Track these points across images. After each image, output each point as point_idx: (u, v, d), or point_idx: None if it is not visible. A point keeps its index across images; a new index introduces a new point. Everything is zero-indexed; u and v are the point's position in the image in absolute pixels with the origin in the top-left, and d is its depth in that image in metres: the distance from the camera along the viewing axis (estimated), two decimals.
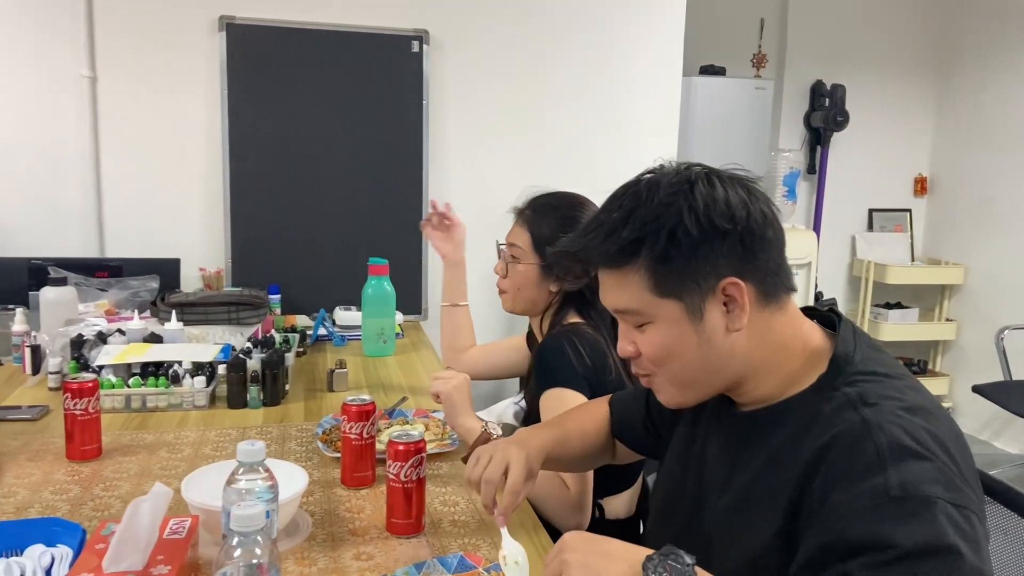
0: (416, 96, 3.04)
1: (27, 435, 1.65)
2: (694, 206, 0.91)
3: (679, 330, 0.95)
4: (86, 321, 2.15)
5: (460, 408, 1.51)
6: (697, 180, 0.94)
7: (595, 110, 3.28)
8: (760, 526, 0.91)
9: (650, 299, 0.95)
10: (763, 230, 0.94)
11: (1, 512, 1.31)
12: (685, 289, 0.93)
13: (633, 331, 1.00)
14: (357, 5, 2.99)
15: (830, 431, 0.87)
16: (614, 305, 1.00)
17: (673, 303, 0.94)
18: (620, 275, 0.97)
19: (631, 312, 0.98)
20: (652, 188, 0.95)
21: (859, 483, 0.81)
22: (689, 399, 1.02)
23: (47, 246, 2.75)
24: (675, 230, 0.91)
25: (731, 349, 0.95)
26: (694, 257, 0.92)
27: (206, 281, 2.79)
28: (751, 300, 0.93)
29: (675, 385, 1.00)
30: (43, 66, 2.78)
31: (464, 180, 3.18)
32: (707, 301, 0.93)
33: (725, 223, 0.91)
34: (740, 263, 0.92)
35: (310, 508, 1.36)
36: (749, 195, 0.94)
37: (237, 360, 1.88)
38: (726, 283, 0.92)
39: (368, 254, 2.41)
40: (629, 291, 0.96)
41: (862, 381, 0.91)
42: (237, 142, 2.90)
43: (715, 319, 0.94)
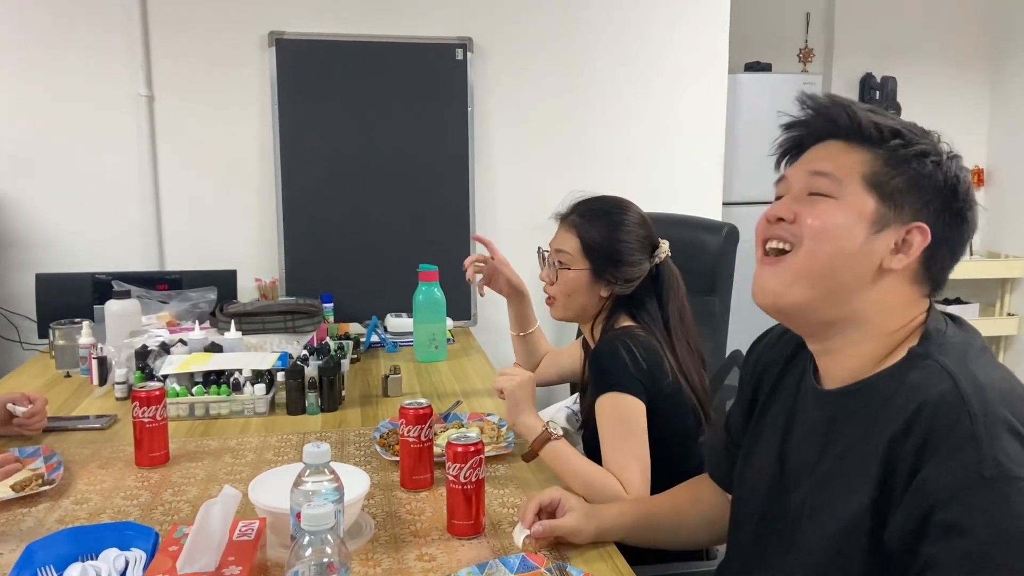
0: (461, 103, 3.07)
1: (97, 443, 1.71)
2: (954, 158, 0.95)
3: (854, 222, 0.93)
4: (149, 332, 2.22)
5: (523, 406, 1.51)
6: (950, 149, 0.97)
7: (640, 111, 3.27)
8: (848, 502, 0.89)
9: (857, 181, 0.94)
10: (971, 209, 0.95)
11: (75, 518, 1.35)
12: (891, 199, 0.93)
13: (803, 200, 0.97)
14: (401, 16, 3.03)
15: (919, 398, 0.85)
16: (819, 166, 0.97)
17: (872, 199, 0.93)
18: (849, 148, 0.96)
19: (831, 178, 0.95)
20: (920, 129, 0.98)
21: (952, 457, 0.79)
22: (789, 298, 0.97)
23: (110, 261, 2.84)
24: (929, 153, 0.94)
25: (868, 279, 0.93)
26: (919, 184, 0.93)
27: (262, 291, 2.86)
28: (916, 262, 0.94)
29: (801, 274, 0.95)
30: (102, 87, 2.89)
31: (510, 185, 3.20)
32: (892, 224, 0.93)
33: (963, 190, 0.94)
34: (940, 223, 0.94)
35: (372, 511, 1.38)
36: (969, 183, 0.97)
37: (295, 367, 1.92)
38: (918, 225, 0.93)
39: (418, 261, 2.44)
40: (846, 163, 0.95)
41: (956, 351, 0.90)
42: (288, 155, 2.96)
43: (884, 243, 0.93)
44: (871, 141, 0.95)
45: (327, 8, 2.99)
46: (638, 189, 3.34)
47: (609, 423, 1.48)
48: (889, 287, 0.94)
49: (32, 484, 1.45)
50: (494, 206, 3.20)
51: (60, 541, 1.18)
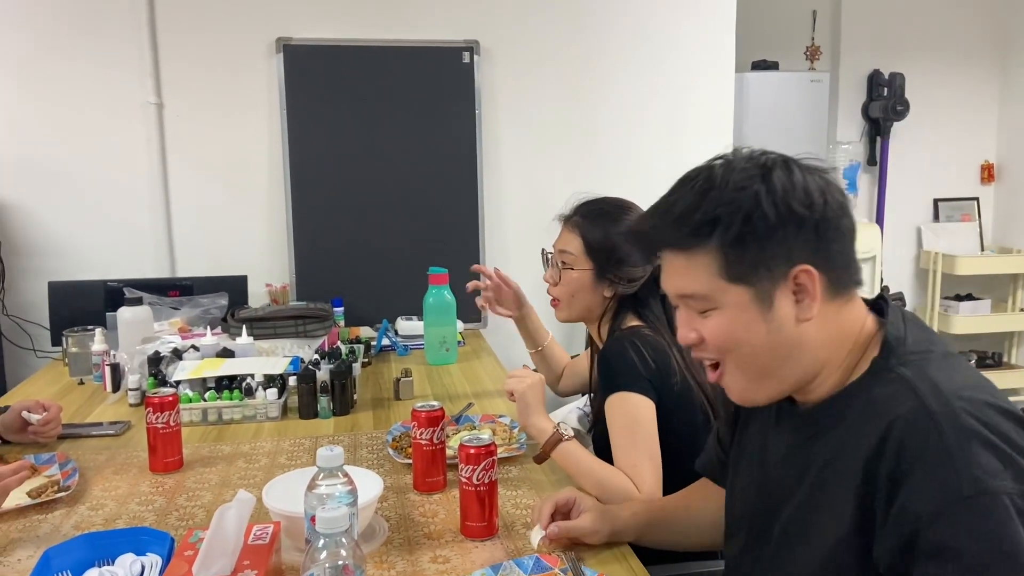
0: (468, 106, 3.07)
1: (111, 450, 1.72)
2: (772, 190, 0.89)
3: (747, 317, 0.92)
4: (162, 339, 2.23)
5: (533, 407, 1.51)
6: (774, 166, 0.92)
7: (647, 112, 3.27)
8: (832, 526, 0.89)
9: (719, 284, 0.93)
10: (839, 220, 0.92)
11: (91, 524, 1.36)
12: (756, 275, 0.91)
13: (696, 318, 0.97)
14: (407, 20, 3.04)
15: (887, 416, 0.85)
16: (680, 289, 0.97)
17: (742, 289, 0.92)
18: (689, 257, 0.94)
19: (698, 297, 0.95)
20: (727, 171, 0.93)
21: (929, 478, 0.79)
22: (761, 395, 0.98)
23: (121, 268, 2.86)
24: (752, 213, 0.89)
25: (800, 340, 0.93)
26: (768, 242, 0.90)
27: (273, 296, 2.87)
28: (822, 290, 0.91)
29: (746, 376, 0.97)
30: (112, 95, 2.91)
31: (518, 187, 3.20)
32: (777, 288, 0.91)
33: (803, 209, 0.89)
34: (813, 252, 0.91)
35: (385, 513, 1.38)
36: (826, 184, 0.93)
37: (307, 372, 1.93)
38: (799, 271, 0.90)
39: (428, 264, 2.44)
40: (697, 275, 0.94)
41: (916, 360, 0.89)
42: (297, 160, 2.97)
43: (785, 308, 0.92)
44: (699, 239, 0.93)
45: (334, 13, 3.00)
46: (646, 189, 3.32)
47: (619, 423, 1.48)
48: (820, 327, 0.93)
49: (48, 491, 1.46)
50: (502, 208, 3.20)
51: (77, 547, 1.19)
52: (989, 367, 4.52)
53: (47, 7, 2.84)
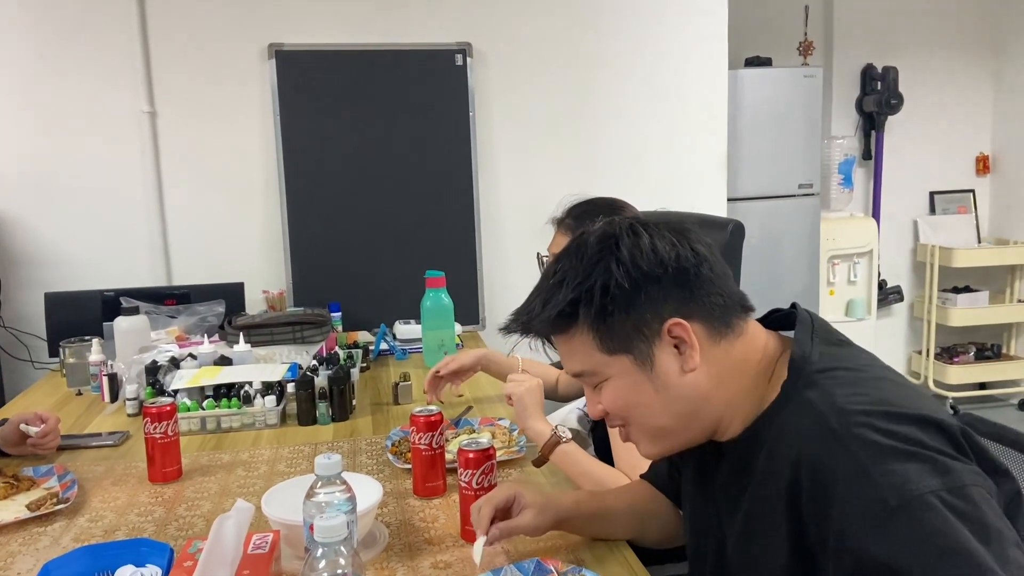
0: (463, 109, 3.07)
1: (110, 460, 1.71)
2: (621, 258, 0.93)
3: (634, 382, 0.95)
4: (159, 348, 2.22)
5: (532, 411, 1.51)
6: (621, 233, 0.95)
7: (642, 110, 3.27)
8: (772, 555, 0.89)
9: (600, 358, 0.96)
10: (697, 268, 0.94)
11: (90, 535, 1.36)
12: (630, 341, 0.94)
13: (595, 392, 1.00)
14: (399, 23, 3.04)
15: (798, 444, 0.86)
16: (571, 370, 1.01)
17: (622, 358, 0.95)
18: (568, 340, 0.98)
19: (587, 374, 0.99)
20: (580, 249, 0.96)
21: (852, 501, 0.79)
22: (665, 448, 1.01)
23: (118, 278, 2.85)
24: (607, 285, 0.93)
25: (693, 389, 0.94)
26: (631, 308, 0.93)
27: (270, 303, 2.86)
28: (701, 337, 0.93)
29: (647, 436, 1.00)
30: (105, 105, 2.91)
31: (514, 189, 3.20)
32: (655, 347, 0.93)
33: (655, 268, 0.92)
34: (680, 304, 0.93)
35: (385, 519, 1.37)
36: (678, 236, 0.95)
37: (305, 378, 1.92)
38: (670, 324, 0.92)
39: (425, 267, 2.44)
40: (579, 354, 0.97)
41: (821, 379, 0.89)
42: (292, 166, 2.97)
43: (667, 363, 0.94)
44: (568, 323, 0.96)
45: (326, 18, 3.00)
46: (642, 188, 3.35)
47: None
48: (710, 372, 0.94)
49: (47, 503, 1.45)
50: (499, 210, 3.20)
51: (76, 559, 1.18)
52: (988, 359, 4.52)
53: (39, 20, 2.83)
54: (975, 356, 4.51)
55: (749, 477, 0.94)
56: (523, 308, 1.01)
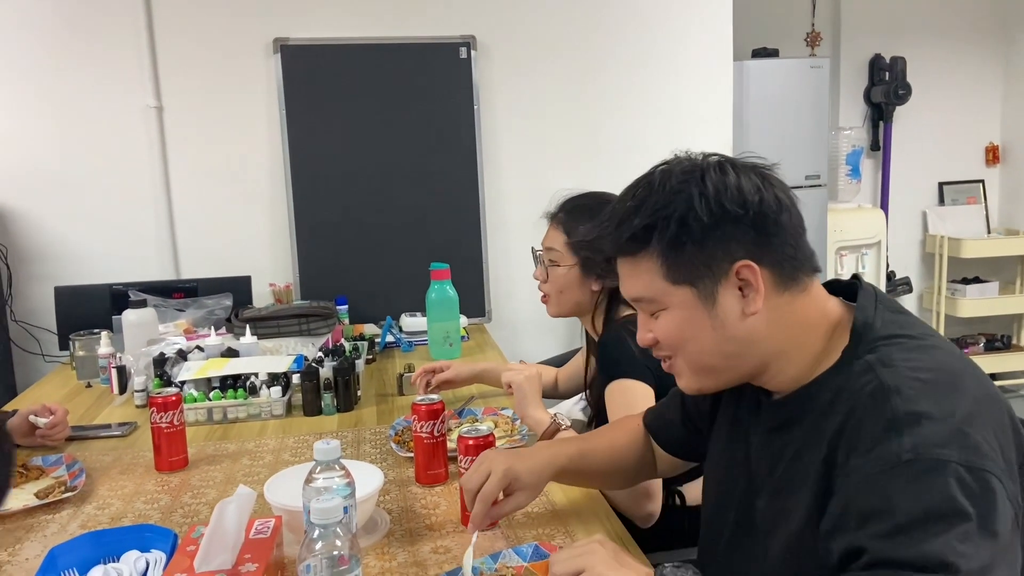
0: (467, 102, 3.08)
1: (118, 450, 1.74)
2: (705, 192, 0.92)
3: (692, 315, 0.95)
4: (167, 340, 2.24)
5: (531, 399, 1.53)
6: (709, 168, 0.95)
7: (646, 104, 3.27)
8: (797, 510, 0.91)
9: (663, 286, 0.96)
10: (777, 215, 0.94)
11: (97, 523, 1.38)
12: (697, 275, 0.94)
13: (649, 319, 1.01)
14: (403, 17, 3.05)
15: (851, 401, 0.87)
16: (630, 294, 1.01)
17: (685, 289, 0.95)
18: (634, 263, 0.98)
19: (646, 299, 0.99)
20: (664, 177, 0.96)
21: (874, 448, 0.81)
22: (707, 385, 1.02)
23: (126, 271, 2.88)
24: (686, 216, 0.92)
25: (749, 334, 0.95)
26: (705, 242, 0.92)
27: (276, 296, 2.88)
28: (767, 284, 0.93)
29: (693, 370, 1.00)
30: (112, 100, 2.93)
31: (518, 181, 3.20)
32: (720, 286, 0.94)
33: (737, 208, 0.92)
34: (754, 247, 0.93)
35: (387, 506, 1.39)
36: (763, 181, 0.95)
37: (310, 369, 1.94)
38: (740, 266, 0.92)
39: (430, 260, 2.45)
40: (643, 279, 0.98)
41: (883, 346, 0.90)
42: (298, 160, 2.99)
43: (729, 303, 0.94)
44: (640, 245, 0.96)
45: (330, 12, 3.01)
46: None
47: (619, 410, 1.49)
48: (769, 320, 0.94)
49: (55, 491, 1.48)
50: (503, 202, 3.21)
51: (82, 545, 1.20)
52: (998, 350, 4.49)
53: (46, 15, 2.86)
54: (985, 347, 4.49)
55: (792, 435, 0.95)
56: (596, 225, 1.02)
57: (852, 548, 0.79)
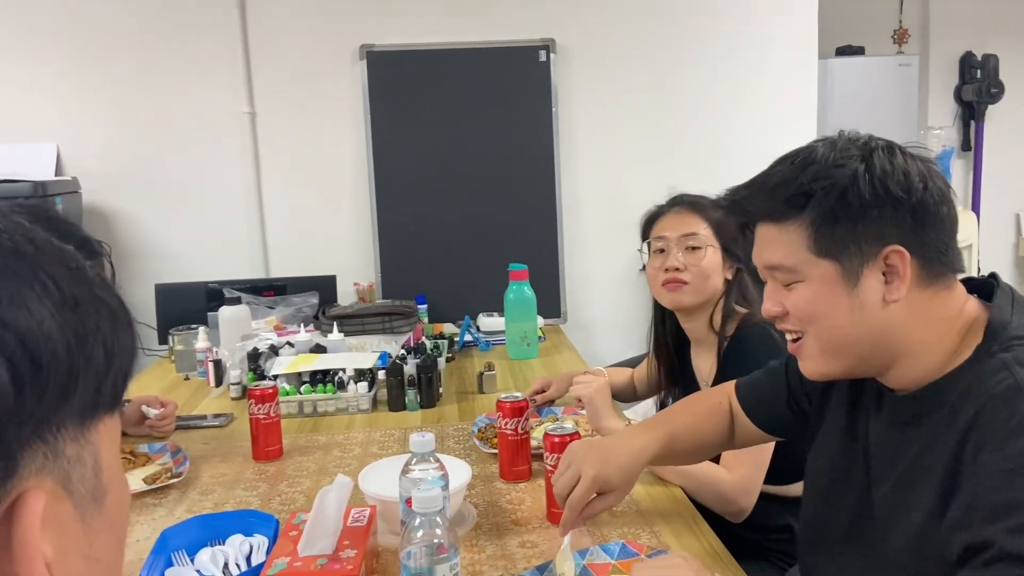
0: (546, 104, 3.11)
1: (217, 440, 1.83)
2: (871, 169, 0.91)
3: (831, 291, 0.94)
4: (259, 336, 2.34)
5: (603, 410, 1.54)
6: (877, 147, 0.93)
7: (728, 104, 3.24)
8: (920, 504, 0.90)
9: (806, 257, 0.94)
10: (937, 206, 0.92)
11: (201, 507, 1.46)
12: (845, 251, 0.92)
13: (782, 290, 0.99)
14: (484, 21, 3.10)
15: (984, 396, 0.86)
16: (768, 260, 0.99)
17: (829, 264, 0.93)
18: (780, 229, 0.96)
19: (784, 268, 0.97)
20: (829, 148, 0.95)
21: (1007, 445, 0.80)
22: (833, 370, 0.99)
23: (220, 269, 3.01)
24: (847, 190, 0.91)
25: (886, 321, 0.93)
26: (861, 220, 0.91)
27: (360, 294, 2.97)
28: (913, 274, 0.92)
29: (823, 350, 0.98)
30: (210, 106, 3.07)
31: (596, 184, 3.22)
32: (866, 266, 0.92)
33: (900, 191, 0.90)
34: (909, 234, 0.91)
35: (473, 500, 1.43)
36: (928, 171, 0.93)
37: (395, 366, 2.00)
38: (890, 251, 0.91)
39: (508, 261, 2.49)
40: (787, 246, 0.96)
41: (1019, 345, 0.88)
42: (381, 162, 3.08)
43: (871, 286, 0.92)
44: (792, 211, 0.94)
45: (414, 19, 3.08)
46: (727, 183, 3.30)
47: None
48: (908, 311, 0.93)
49: (162, 477, 1.57)
50: (580, 205, 3.23)
51: (191, 527, 1.28)
52: None
53: (148, 26, 3.01)
54: None
55: (918, 430, 0.94)
56: (750, 182, 0.99)
57: (978, 542, 0.79)
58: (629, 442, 1.24)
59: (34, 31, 2.97)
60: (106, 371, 0.42)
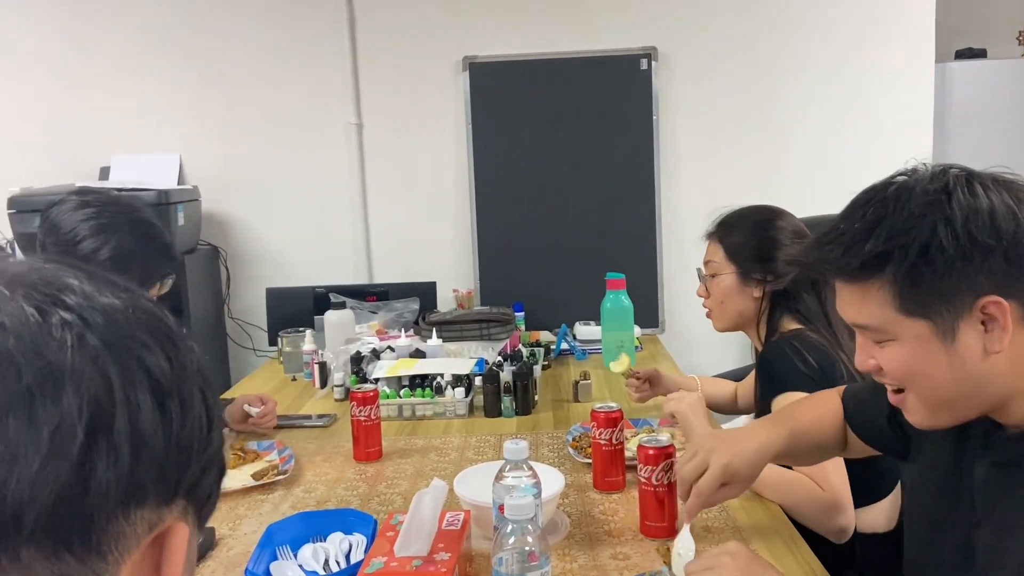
0: (646, 113, 3.09)
1: (320, 440, 1.90)
2: (951, 218, 0.83)
3: (926, 350, 0.88)
4: (362, 340, 2.42)
5: (697, 425, 1.52)
6: (956, 187, 0.86)
7: (838, 110, 3.13)
8: (1021, 551, 0.85)
9: (894, 317, 0.89)
10: None
11: (305, 504, 1.52)
12: (935, 307, 0.86)
13: (873, 346, 0.94)
14: (585, 30, 3.11)
15: None
16: (852, 320, 0.95)
17: (920, 322, 0.87)
18: (861, 290, 0.91)
19: (871, 329, 0.93)
20: (902, 196, 0.87)
21: None
22: (942, 422, 0.95)
23: (326, 275, 3.13)
24: (928, 246, 0.84)
25: (989, 372, 0.87)
26: (948, 275, 0.84)
27: (459, 301, 3.02)
28: (1015, 320, 0.85)
29: (926, 406, 0.94)
30: (320, 119, 3.20)
31: (697, 194, 3.17)
32: (961, 321, 0.86)
33: (988, 238, 0.83)
34: (1004, 280, 0.84)
35: (566, 509, 1.44)
36: (1019, 203, 0.85)
37: (492, 372, 2.03)
38: (986, 302, 0.85)
39: (606, 270, 2.48)
40: (870, 307, 0.90)
41: None
42: (481, 171, 3.13)
43: (970, 340, 0.86)
44: (870, 274, 0.88)
45: (515, 30, 3.12)
46: (835, 195, 3.17)
47: None
48: (1015, 356, 0.86)
49: (269, 474, 1.64)
50: (680, 214, 3.18)
51: (295, 524, 1.33)
52: None
53: (264, 43, 3.17)
54: None
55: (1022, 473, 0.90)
56: (816, 245, 0.95)
57: None
58: (756, 436, 1.23)
59: (161, 50, 3.17)
60: None
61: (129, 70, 3.17)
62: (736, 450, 1.18)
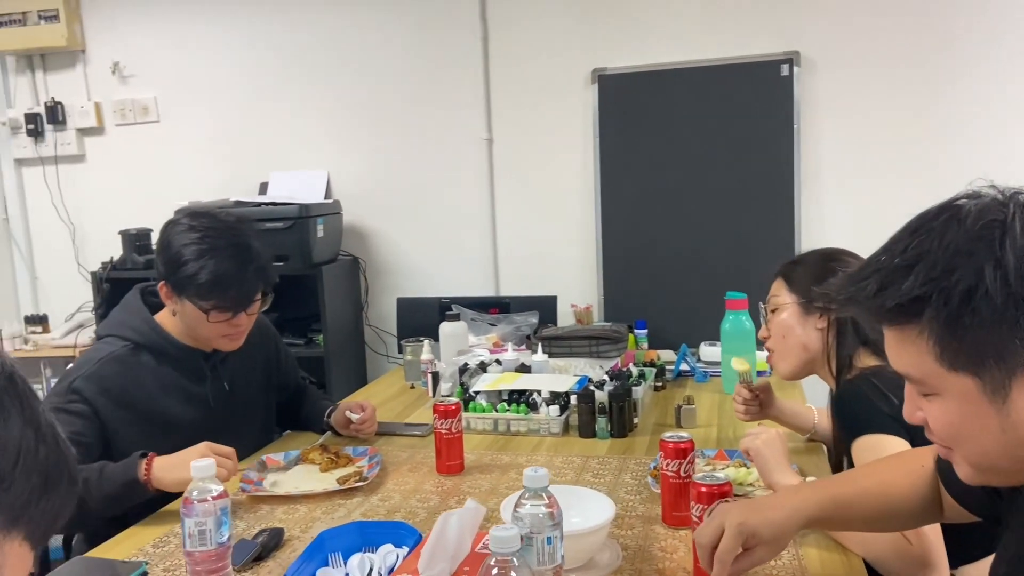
0: (786, 121, 2.91)
1: (414, 449, 1.94)
2: (1002, 260, 0.71)
3: (974, 410, 0.76)
4: (473, 352, 2.45)
5: (773, 464, 1.41)
6: (1015, 221, 0.73)
7: (1003, 122, 2.78)
8: None
9: (936, 369, 0.77)
10: None
11: (375, 513, 1.55)
12: (983, 362, 0.74)
13: (919, 397, 0.83)
14: (722, 37, 2.98)
15: None
16: (895, 366, 0.84)
17: (966, 378, 0.75)
18: (899, 335, 0.80)
19: (914, 379, 0.81)
20: (950, 228, 0.75)
21: None
22: (991, 482, 0.84)
23: (454, 286, 3.21)
24: (972, 292, 0.72)
25: None
26: (997, 327, 0.72)
27: (577, 316, 2.99)
28: None
29: (973, 467, 0.82)
30: (454, 134, 3.30)
31: (842, 209, 2.94)
32: (1014, 378, 0.73)
33: None
34: None
35: (625, 541, 1.37)
36: None
37: (586, 392, 1.98)
38: None
39: (737, 289, 2.35)
40: (911, 356, 0.79)
41: None
42: (608, 184, 3.08)
43: (1021, 396, 0.74)
44: (906, 319, 0.75)
45: (648, 40, 3.05)
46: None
47: None
48: None
49: (351, 479, 1.69)
50: (822, 230, 2.95)
51: (349, 532, 1.37)
52: None
53: (404, 63, 3.30)
54: None
55: None
56: (851, 279, 0.84)
57: None
58: (788, 498, 1.13)
59: (313, 78, 3.39)
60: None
61: (287, 97, 3.42)
62: (756, 508, 1.08)
